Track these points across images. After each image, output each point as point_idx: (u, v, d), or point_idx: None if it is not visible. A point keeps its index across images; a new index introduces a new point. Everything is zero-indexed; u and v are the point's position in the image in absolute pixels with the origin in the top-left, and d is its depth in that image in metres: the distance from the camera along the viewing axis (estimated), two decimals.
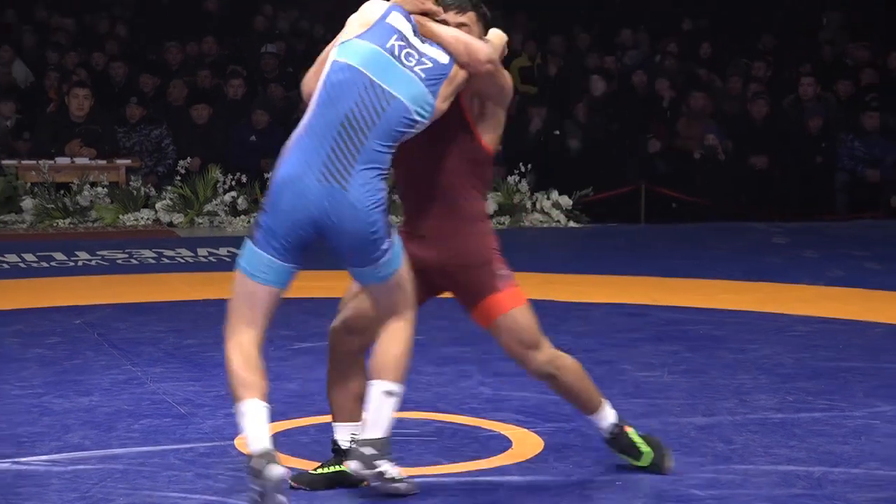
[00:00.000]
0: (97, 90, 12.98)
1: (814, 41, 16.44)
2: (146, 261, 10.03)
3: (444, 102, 4.30)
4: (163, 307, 8.10)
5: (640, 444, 4.65)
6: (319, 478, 4.49)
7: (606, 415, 4.65)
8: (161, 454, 4.89)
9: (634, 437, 4.66)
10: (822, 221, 12.87)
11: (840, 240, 11.43)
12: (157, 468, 4.71)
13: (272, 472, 4.02)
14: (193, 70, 14.31)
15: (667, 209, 13.27)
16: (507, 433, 5.21)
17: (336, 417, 4.54)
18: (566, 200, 12.59)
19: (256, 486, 4.03)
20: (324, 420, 4.65)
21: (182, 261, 10.07)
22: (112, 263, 9.88)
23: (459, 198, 4.45)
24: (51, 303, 8.16)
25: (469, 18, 4.42)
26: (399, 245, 4.30)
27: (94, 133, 12.44)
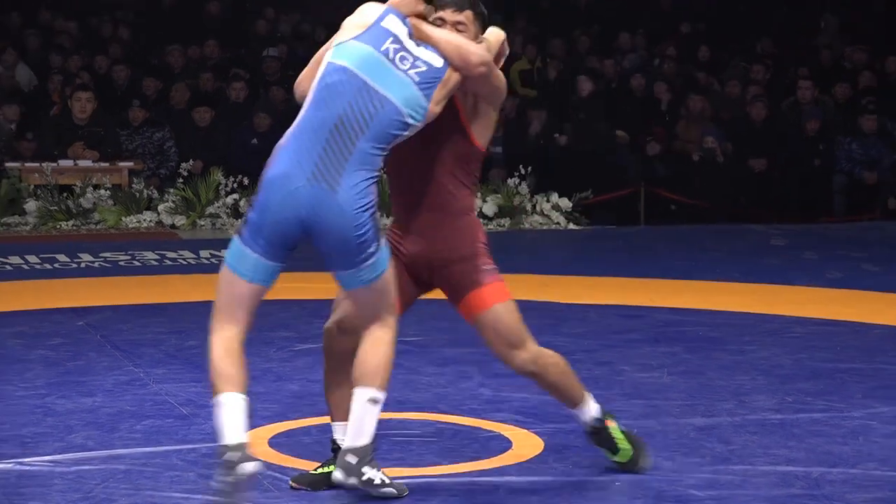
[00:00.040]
0: (100, 93, 13.00)
1: (812, 44, 16.46)
2: (148, 263, 10.04)
3: (438, 106, 4.30)
4: (165, 309, 8.11)
5: (620, 441, 4.65)
6: (320, 478, 4.49)
7: (590, 408, 4.64)
8: (163, 455, 4.90)
9: (616, 433, 4.65)
10: (821, 223, 12.89)
11: (838, 241, 11.43)
12: (160, 468, 4.73)
13: (245, 467, 4.01)
14: (196, 73, 14.33)
15: (666, 211, 13.29)
16: (508, 434, 5.21)
17: (334, 417, 4.54)
18: (566, 202, 12.61)
19: (228, 478, 3.99)
20: (325, 420, 4.66)
21: (184, 263, 10.09)
22: (114, 265, 9.89)
23: (448, 193, 4.44)
24: (54, 304, 8.16)
25: (466, 17, 4.40)
26: (386, 250, 4.28)
27: (97, 136, 12.47)
